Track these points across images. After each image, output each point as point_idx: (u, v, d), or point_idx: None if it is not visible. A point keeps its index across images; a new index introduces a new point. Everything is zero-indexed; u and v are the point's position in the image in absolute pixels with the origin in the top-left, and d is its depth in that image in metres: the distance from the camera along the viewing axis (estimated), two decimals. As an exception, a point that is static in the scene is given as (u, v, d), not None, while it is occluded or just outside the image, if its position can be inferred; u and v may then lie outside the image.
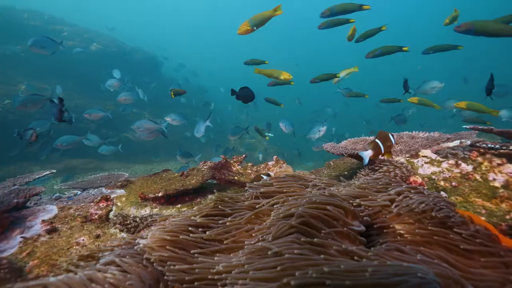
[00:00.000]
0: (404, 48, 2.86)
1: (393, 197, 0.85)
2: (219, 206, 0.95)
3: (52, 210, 1.49)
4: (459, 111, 3.84)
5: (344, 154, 1.54)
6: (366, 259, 0.63)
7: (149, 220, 1.48)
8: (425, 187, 1.05)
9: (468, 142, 1.64)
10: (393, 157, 1.52)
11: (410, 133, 1.87)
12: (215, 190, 1.45)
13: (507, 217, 0.86)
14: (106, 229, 1.41)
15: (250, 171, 1.77)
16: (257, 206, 0.89)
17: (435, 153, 1.35)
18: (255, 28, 2.44)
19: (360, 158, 1.76)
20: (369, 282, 0.50)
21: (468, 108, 3.11)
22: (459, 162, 1.19)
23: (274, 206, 0.87)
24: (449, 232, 0.70)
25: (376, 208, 0.86)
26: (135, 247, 0.83)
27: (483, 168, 1.12)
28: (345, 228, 0.74)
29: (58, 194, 2.08)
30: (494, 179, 1.04)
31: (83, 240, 1.29)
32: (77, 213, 1.46)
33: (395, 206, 0.84)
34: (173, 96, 3.31)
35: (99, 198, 1.55)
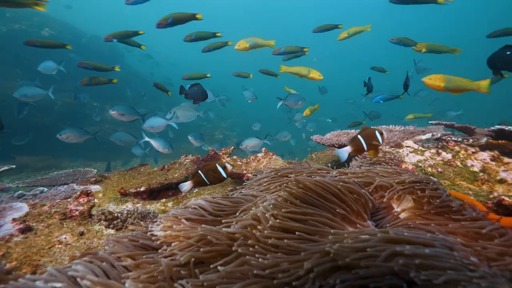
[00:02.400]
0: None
1: (397, 180, 0.91)
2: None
3: (22, 207, 1.32)
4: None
5: (335, 145, 1.60)
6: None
7: (136, 214, 1.39)
8: (416, 173, 1.14)
9: (439, 135, 1.82)
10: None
11: (388, 126, 2.02)
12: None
13: (491, 196, 0.97)
14: (89, 226, 1.29)
15: (240, 163, 1.76)
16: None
17: (416, 144, 1.47)
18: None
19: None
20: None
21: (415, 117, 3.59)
22: (440, 151, 1.32)
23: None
24: (458, 217, 0.77)
25: (380, 193, 0.91)
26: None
27: (461, 156, 1.25)
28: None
29: (21, 191, 1.85)
30: (472, 165, 1.17)
31: (65, 238, 1.17)
32: (53, 210, 1.31)
33: (399, 190, 0.89)
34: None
35: (78, 193, 1.41)
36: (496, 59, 1.78)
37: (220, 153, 1.85)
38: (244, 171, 1.59)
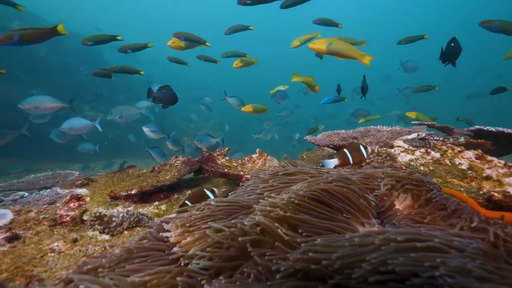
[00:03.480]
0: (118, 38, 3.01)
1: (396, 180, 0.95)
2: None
3: (5, 214, 1.23)
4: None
5: (330, 146, 1.64)
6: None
7: (132, 219, 1.35)
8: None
9: (423, 135, 1.92)
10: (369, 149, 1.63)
11: (376, 127, 2.09)
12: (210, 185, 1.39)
13: (481, 192, 1.04)
14: (82, 232, 1.23)
15: (235, 164, 1.75)
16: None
17: (406, 143, 1.54)
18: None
19: (338, 149, 1.90)
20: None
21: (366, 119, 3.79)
22: (429, 150, 1.39)
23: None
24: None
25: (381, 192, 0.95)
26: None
27: (449, 155, 1.32)
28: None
29: (-1, 197, 1.72)
30: (460, 163, 1.25)
31: (57, 246, 1.11)
32: (42, 216, 1.24)
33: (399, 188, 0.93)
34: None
35: (68, 197, 1.34)
36: (446, 52, 1.99)
37: (215, 154, 1.83)
38: (241, 172, 1.59)
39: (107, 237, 1.23)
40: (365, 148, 1.24)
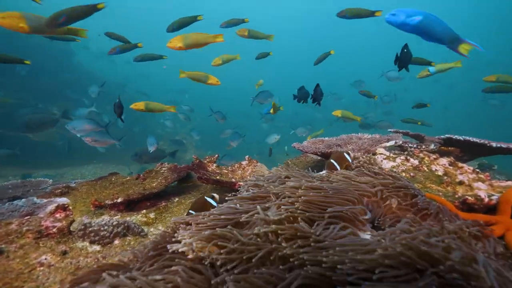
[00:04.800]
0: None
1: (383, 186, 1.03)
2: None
3: (-17, 227, 1.15)
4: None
5: (318, 153, 1.71)
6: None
7: (122, 227, 1.31)
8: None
9: (400, 142, 2.06)
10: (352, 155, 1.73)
11: (358, 134, 2.21)
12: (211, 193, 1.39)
13: (456, 196, 1.15)
14: (71, 243, 1.18)
15: (226, 171, 1.76)
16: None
17: (387, 151, 1.66)
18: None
19: (325, 156, 1.99)
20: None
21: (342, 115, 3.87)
22: (408, 157, 1.51)
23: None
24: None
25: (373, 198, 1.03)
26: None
27: (426, 162, 1.45)
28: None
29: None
30: (436, 170, 1.37)
31: (46, 259, 1.05)
32: (25, 228, 1.17)
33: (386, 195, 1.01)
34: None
35: (53, 208, 1.28)
36: (400, 58, 2.17)
37: (205, 161, 1.83)
38: (233, 179, 1.60)
39: (98, 247, 1.19)
40: (349, 154, 1.37)
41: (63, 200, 1.82)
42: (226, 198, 0.98)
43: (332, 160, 1.34)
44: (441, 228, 0.74)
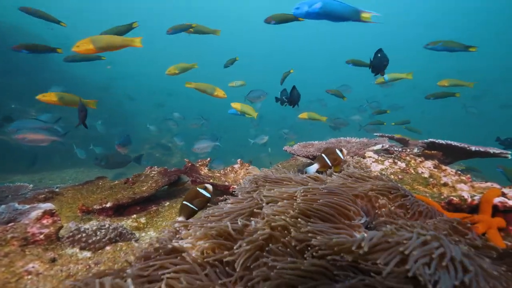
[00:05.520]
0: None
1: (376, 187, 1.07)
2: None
3: (-37, 235, 1.08)
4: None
5: (310, 157, 1.75)
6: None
7: (115, 233, 1.28)
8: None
9: (387, 146, 2.14)
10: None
11: (346, 138, 2.28)
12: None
13: (442, 197, 1.21)
14: (60, 250, 1.13)
15: (219, 174, 1.75)
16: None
17: (375, 154, 1.72)
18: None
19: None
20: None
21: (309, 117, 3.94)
22: (396, 160, 1.57)
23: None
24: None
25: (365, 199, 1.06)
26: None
27: (413, 165, 1.52)
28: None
29: None
30: (423, 172, 1.44)
31: (33, 267, 1.01)
32: (9, 236, 1.11)
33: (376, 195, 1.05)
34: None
35: (40, 213, 1.23)
36: (374, 63, 2.26)
37: (197, 165, 1.82)
38: (226, 183, 1.60)
39: (88, 254, 1.15)
40: (341, 151, 1.39)
41: (48, 205, 1.74)
42: (219, 203, 0.98)
43: (323, 155, 1.37)
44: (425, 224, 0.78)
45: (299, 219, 0.77)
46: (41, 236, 1.15)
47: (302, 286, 0.61)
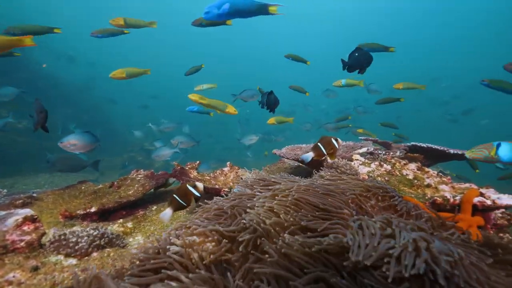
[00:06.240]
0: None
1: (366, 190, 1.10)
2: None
3: None
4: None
5: (298, 159, 1.77)
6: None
7: (103, 240, 1.23)
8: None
9: (371, 149, 2.21)
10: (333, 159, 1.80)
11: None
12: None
13: (426, 197, 1.27)
14: (43, 258, 1.07)
15: (208, 177, 1.73)
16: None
17: (361, 157, 1.77)
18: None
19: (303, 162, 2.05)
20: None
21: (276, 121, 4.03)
22: (382, 163, 1.63)
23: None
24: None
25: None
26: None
27: (398, 167, 1.57)
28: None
29: None
30: (407, 174, 1.50)
31: (14, 276, 0.95)
32: (-14, 243, 1.05)
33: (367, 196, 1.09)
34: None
35: (20, 220, 1.16)
36: (350, 61, 2.30)
37: (187, 168, 1.79)
38: (216, 186, 1.59)
39: (74, 261, 1.10)
40: (336, 140, 1.42)
41: (26, 211, 1.65)
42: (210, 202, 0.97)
43: (319, 144, 1.39)
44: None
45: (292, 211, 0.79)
46: (22, 244, 1.09)
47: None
